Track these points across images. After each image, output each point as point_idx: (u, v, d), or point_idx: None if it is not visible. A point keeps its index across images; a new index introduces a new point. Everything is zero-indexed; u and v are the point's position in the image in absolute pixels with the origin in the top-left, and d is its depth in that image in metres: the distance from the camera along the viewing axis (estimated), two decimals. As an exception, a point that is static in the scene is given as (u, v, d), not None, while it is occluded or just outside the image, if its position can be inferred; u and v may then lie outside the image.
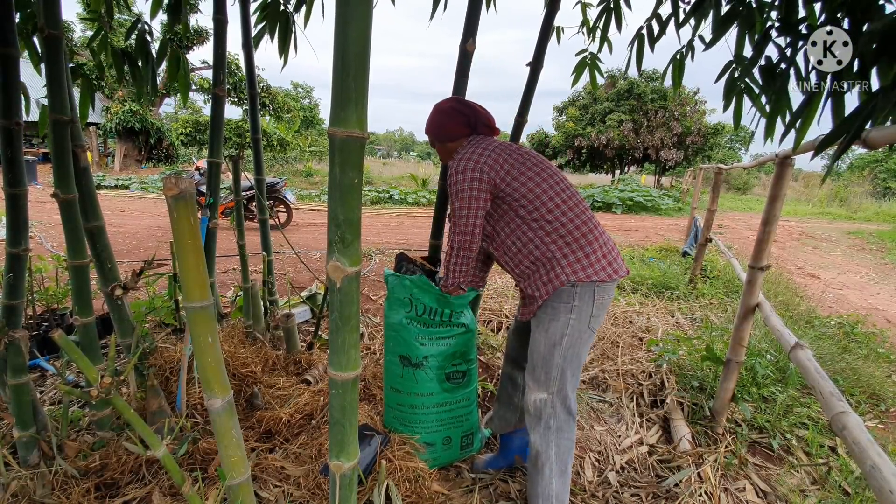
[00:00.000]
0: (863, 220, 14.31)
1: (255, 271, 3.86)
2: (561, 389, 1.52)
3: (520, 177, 1.52)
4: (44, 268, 3.01)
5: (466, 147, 1.59)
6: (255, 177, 2.79)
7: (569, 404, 1.54)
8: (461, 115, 1.64)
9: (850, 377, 2.77)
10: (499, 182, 1.52)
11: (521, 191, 1.51)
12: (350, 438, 1.01)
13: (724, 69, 1.64)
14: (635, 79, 19.38)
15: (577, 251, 1.48)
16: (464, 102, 1.68)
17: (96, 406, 1.83)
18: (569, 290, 1.47)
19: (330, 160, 0.84)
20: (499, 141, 1.64)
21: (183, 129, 18.96)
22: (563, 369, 1.50)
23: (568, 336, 1.48)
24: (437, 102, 1.72)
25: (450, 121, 1.65)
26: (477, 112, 1.66)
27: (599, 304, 1.50)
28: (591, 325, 1.50)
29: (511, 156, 1.55)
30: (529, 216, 1.51)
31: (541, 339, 1.52)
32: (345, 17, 0.77)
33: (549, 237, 1.49)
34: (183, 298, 0.96)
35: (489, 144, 1.58)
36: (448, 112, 1.66)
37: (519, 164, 1.54)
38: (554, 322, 1.49)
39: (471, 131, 1.65)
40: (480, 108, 1.67)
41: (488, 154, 1.54)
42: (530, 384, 1.56)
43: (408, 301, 1.79)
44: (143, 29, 2.09)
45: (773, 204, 2.05)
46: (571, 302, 1.47)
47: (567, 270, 1.47)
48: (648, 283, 4.69)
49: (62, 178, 1.62)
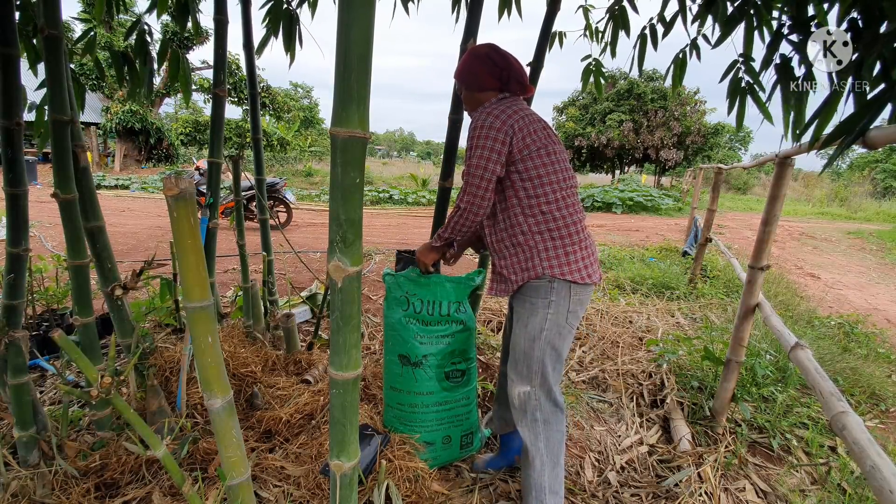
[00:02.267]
0: (863, 220, 14.32)
1: (255, 271, 3.86)
2: (543, 382, 1.53)
3: (536, 158, 1.48)
4: (44, 268, 3.01)
5: (497, 103, 1.52)
6: (255, 177, 2.79)
7: (554, 396, 1.55)
8: (495, 66, 1.55)
9: (850, 377, 2.77)
10: (517, 153, 1.46)
11: (532, 172, 1.48)
12: (350, 438, 1.01)
13: (729, 68, 1.63)
14: (635, 79, 19.39)
15: (559, 248, 1.49)
16: (499, 52, 1.59)
17: (96, 406, 1.83)
18: (546, 285, 1.49)
19: (332, 160, 0.84)
20: (531, 110, 1.57)
21: (183, 129, 18.97)
22: (543, 363, 1.52)
23: (546, 330, 1.50)
24: (473, 46, 1.65)
25: (483, 67, 1.56)
26: (510, 64, 1.57)
27: (577, 301, 1.52)
28: (568, 320, 1.52)
29: (539, 131, 1.50)
30: (527, 200, 1.49)
31: (521, 333, 1.54)
32: (347, 18, 0.77)
33: (537, 227, 1.49)
34: (183, 298, 0.96)
35: (521, 109, 1.51)
36: (482, 59, 1.57)
37: (542, 145, 1.50)
38: (532, 317, 1.51)
39: (501, 86, 1.57)
40: (515, 62, 1.59)
41: (518, 118, 1.47)
42: (513, 378, 1.57)
43: (405, 299, 1.79)
44: (143, 29, 2.09)
45: (773, 204, 2.05)
46: (549, 297, 1.49)
47: (545, 263, 1.48)
48: (648, 283, 4.69)
49: (62, 178, 1.61)
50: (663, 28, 2.08)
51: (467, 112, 1.69)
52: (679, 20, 1.97)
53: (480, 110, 1.52)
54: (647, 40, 2.16)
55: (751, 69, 1.60)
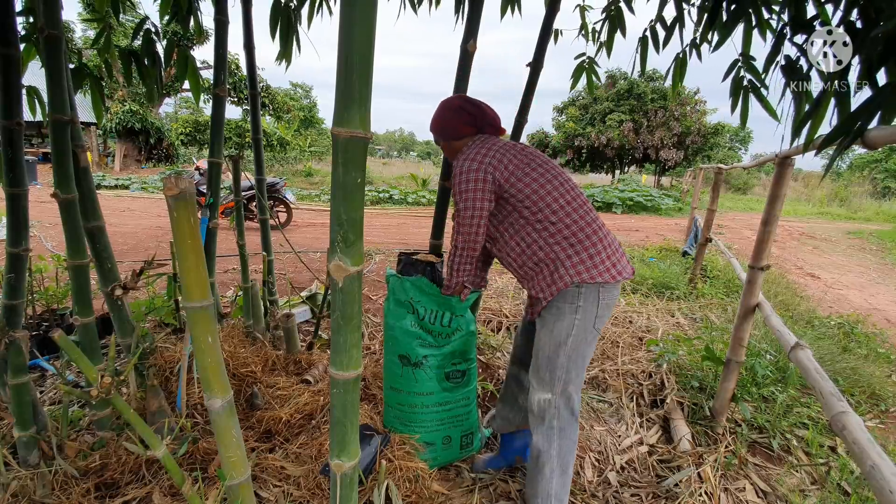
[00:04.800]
0: (863, 220, 14.32)
1: (255, 271, 3.86)
2: (565, 390, 1.52)
3: (524, 178, 1.51)
4: (44, 268, 3.01)
5: (471, 147, 1.59)
6: (255, 177, 2.79)
7: (572, 405, 1.54)
8: (467, 115, 1.63)
9: (850, 377, 2.77)
10: (503, 182, 1.51)
11: (526, 192, 1.50)
12: (351, 438, 1.01)
13: (731, 67, 1.64)
14: (635, 79, 19.39)
15: (581, 252, 1.48)
16: (470, 101, 1.66)
17: (96, 406, 1.83)
18: (573, 290, 1.47)
19: (333, 160, 0.84)
20: (504, 141, 1.63)
21: (183, 129, 18.96)
22: (567, 369, 1.50)
23: (573, 336, 1.48)
24: (444, 100, 1.70)
25: (456, 119, 1.63)
26: (483, 111, 1.64)
27: (604, 305, 1.50)
28: (595, 325, 1.50)
29: (516, 156, 1.55)
30: (534, 217, 1.50)
31: (545, 339, 1.52)
32: (349, 19, 0.77)
33: (552, 238, 1.49)
34: (183, 298, 0.96)
35: (493, 144, 1.57)
36: (455, 110, 1.64)
37: (524, 164, 1.53)
38: (559, 322, 1.49)
39: (476, 130, 1.64)
40: (487, 108, 1.66)
41: (493, 154, 1.53)
42: (534, 384, 1.56)
43: (409, 304, 1.79)
44: (150, 29, 2.09)
45: (773, 204, 2.05)
46: (576, 302, 1.47)
47: (571, 272, 1.47)
48: (648, 283, 4.69)
49: (62, 178, 1.61)
50: (664, 31, 2.08)
51: (448, 160, 1.81)
52: (679, 23, 1.98)
53: (460, 156, 1.58)
54: (649, 42, 2.17)
55: (752, 67, 1.60)
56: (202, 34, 4.47)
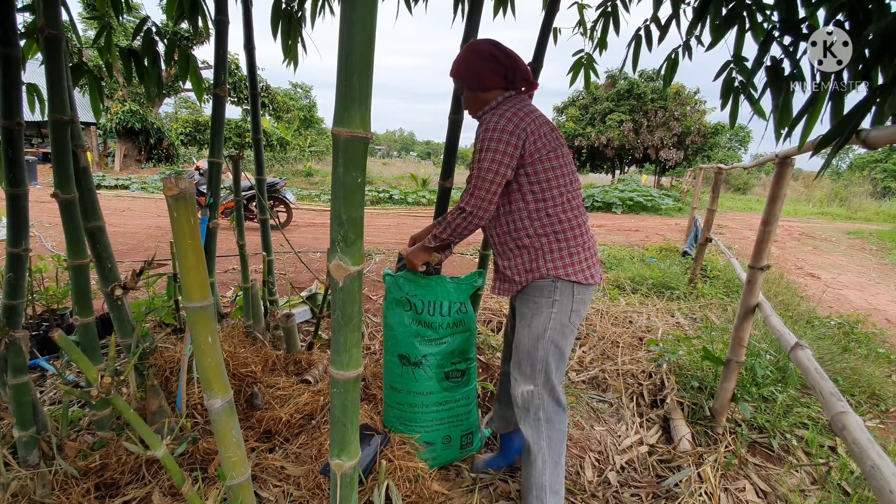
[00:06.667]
0: (863, 220, 14.32)
1: (255, 271, 3.86)
2: (547, 381, 1.54)
3: (546, 161, 1.45)
4: (44, 268, 3.01)
5: (509, 103, 1.46)
6: (255, 177, 2.79)
7: (557, 395, 1.55)
8: (498, 64, 1.47)
9: (850, 377, 2.77)
10: (527, 156, 1.42)
11: (541, 176, 1.46)
12: (351, 437, 1.01)
13: (722, 68, 1.65)
14: (635, 79, 19.42)
15: (564, 249, 1.49)
16: (502, 49, 1.49)
17: (96, 406, 1.83)
18: (549, 284, 1.49)
19: (333, 160, 0.84)
20: (540, 111, 1.51)
21: (183, 128, 18.97)
22: (547, 362, 1.52)
23: (550, 329, 1.50)
24: (470, 42, 1.56)
25: (486, 66, 1.47)
26: (516, 63, 1.49)
27: (579, 301, 1.52)
28: (571, 319, 1.52)
29: (550, 132, 1.47)
30: (534, 204, 1.48)
31: (524, 333, 1.54)
32: (350, 19, 0.77)
33: (542, 230, 1.49)
34: (183, 298, 0.96)
35: (532, 111, 1.46)
36: (486, 57, 1.47)
37: (555, 145, 1.48)
38: (536, 317, 1.51)
39: (507, 84, 1.50)
40: (520, 60, 1.51)
41: (531, 120, 1.43)
42: (517, 377, 1.58)
43: (405, 300, 1.79)
44: (150, 29, 2.09)
45: (773, 204, 2.05)
46: (552, 297, 1.50)
47: (549, 265, 1.48)
48: (648, 283, 4.69)
49: (62, 178, 1.61)
50: (658, 31, 2.09)
51: (469, 113, 1.63)
52: (674, 23, 1.98)
53: (491, 112, 1.48)
54: (643, 41, 2.17)
55: (743, 68, 1.62)
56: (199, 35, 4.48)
